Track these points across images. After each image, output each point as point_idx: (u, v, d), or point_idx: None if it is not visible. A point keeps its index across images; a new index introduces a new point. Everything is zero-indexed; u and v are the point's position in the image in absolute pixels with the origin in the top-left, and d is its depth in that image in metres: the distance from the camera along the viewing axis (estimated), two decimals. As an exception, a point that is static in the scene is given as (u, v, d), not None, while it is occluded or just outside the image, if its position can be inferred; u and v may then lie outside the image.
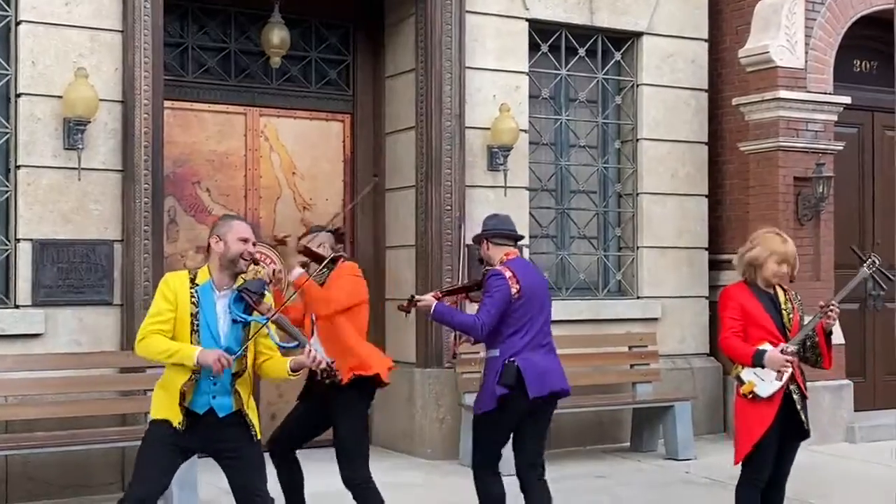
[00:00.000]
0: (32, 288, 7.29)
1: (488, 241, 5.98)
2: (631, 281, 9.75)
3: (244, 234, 4.76)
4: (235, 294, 4.70)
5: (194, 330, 4.66)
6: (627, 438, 9.26)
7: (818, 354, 5.59)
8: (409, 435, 8.77)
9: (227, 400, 4.70)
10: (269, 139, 8.92)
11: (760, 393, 5.42)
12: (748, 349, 5.43)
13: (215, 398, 4.69)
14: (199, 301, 4.67)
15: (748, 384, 5.46)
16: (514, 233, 6.05)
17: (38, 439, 6.85)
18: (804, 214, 9.39)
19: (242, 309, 4.70)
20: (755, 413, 5.44)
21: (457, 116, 8.72)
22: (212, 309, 4.70)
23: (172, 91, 8.26)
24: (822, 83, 9.49)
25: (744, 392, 5.48)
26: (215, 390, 4.68)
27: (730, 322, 5.53)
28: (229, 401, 4.71)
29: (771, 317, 5.49)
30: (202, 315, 4.66)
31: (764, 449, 5.46)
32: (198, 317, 4.65)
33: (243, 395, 4.76)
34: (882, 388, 9.97)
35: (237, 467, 4.78)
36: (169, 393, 4.68)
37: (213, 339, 4.68)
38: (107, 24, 7.55)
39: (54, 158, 7.37)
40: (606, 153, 9.82)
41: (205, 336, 4.67)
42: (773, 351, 5.35)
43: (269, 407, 8.83)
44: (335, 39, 9.23)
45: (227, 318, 4.71)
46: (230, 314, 4.69)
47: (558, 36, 9.43)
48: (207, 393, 4.67)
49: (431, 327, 8.60)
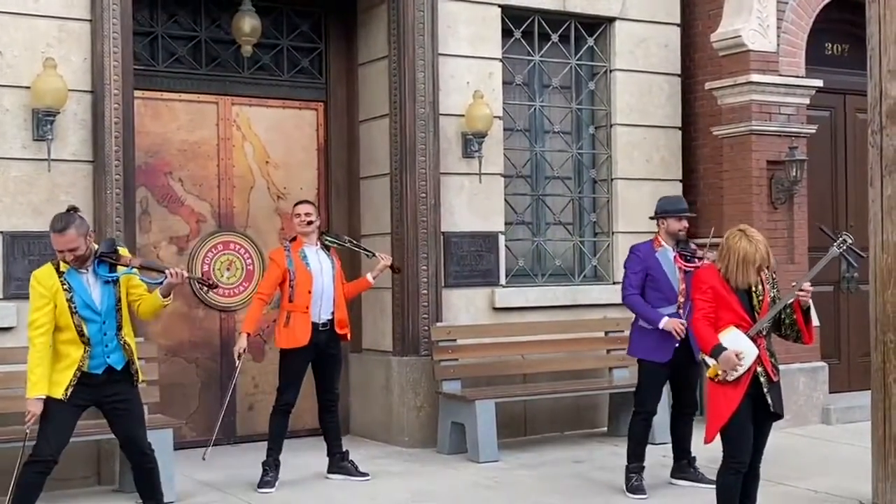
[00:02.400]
0: (3, 281, 7.23)
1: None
2: (607, 266, 9.76)
3: (55, 246, 5.46)
4: (96, 262, 5.49)
5: (74, 311, 5.45)
6: (605, 423, 9.29)
7: (797, 331, 5.66)
8: (387, 423, 8.75)
9: (119, 355, 5.53)
10: (241, 128, 8.86)
11: (726, 377, 5.48)
12: (711, 339, 5.53)
13: (110, 357, 5.51)
14: (72, 286, 5.44)
15: (713, 368, 5.55)
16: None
17: (13, 433, 6.78)
18: (778, 198, 9.42)
19: (108, 270, 5.52)
20: (723, 395, 5.52)
21: (430, 104, 8.69)
22: (81, 285, 5.46)
23: (143, 81, 8.18)
24: (794, 66, 9.51)
25: (709, 376, 5.59)
26: (108, 350, 5.50)
27: (701, 304, 5.64)
28: (121, 354, 5.54)
29: (739, 299, 5.56)
30: (76, 295, 5.43)
31: (737, 431, 5.52)
32: (73, 300, 5.42)
33: (132, 345, 5.60)
34: (857, 370, 10.02)
35: (125, 419, 5.62)
36: (60, 367, 5.45)
37: (90, 307, 5.48)
38: (75, 14, 7.47)
39: (24, 150, 7.29)
40: (581, 139, 9.81)
41: (82, 308, 5.46)
42: (729, 352, 5.44)
43: (246, 398, 8.80)
44: (307, 27, 9.18)
45: (97, 286, 5.49)
46: (99, 280, 5.49)
47: (531, 22, 9.41)
48: (101, 356, 5.49)
49: (408, 315, 8.59)
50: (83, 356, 5.47)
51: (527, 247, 9.52)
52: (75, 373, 5.46)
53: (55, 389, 5.46)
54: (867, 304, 6.63)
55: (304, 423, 8.56)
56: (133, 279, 5.63)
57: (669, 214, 7.20)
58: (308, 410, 8.21)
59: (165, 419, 7.33)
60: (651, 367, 7.13)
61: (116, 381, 5.58)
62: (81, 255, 5.45)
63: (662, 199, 7.47)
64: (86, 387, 5.52)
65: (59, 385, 5.47)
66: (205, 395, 8.64)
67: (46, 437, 5.49)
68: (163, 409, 7.57)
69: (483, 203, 9.03)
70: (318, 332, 7.31)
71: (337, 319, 7.40)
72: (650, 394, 7.21)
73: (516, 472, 7.80)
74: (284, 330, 7.30)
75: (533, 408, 9.15)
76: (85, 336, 5.47)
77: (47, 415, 5.49)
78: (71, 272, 5.48)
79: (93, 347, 5.48)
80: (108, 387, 5.56)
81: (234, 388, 7.85)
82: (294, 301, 7.29)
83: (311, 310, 7.28)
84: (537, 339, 9.01)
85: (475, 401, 8.14)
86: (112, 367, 5.55)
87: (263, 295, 7.38)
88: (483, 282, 8.99)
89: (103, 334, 5.50)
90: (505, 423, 8.55)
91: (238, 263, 8.78)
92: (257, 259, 8.82)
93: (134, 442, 5.70)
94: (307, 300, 7.28)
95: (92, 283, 5.52)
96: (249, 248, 8.84)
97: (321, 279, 7.35)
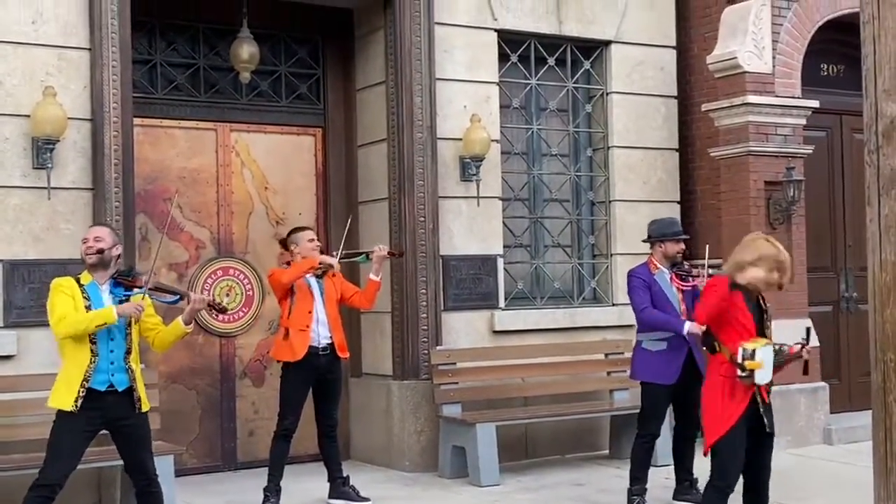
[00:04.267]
0: (4, 309, 7.23)
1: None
2: (606, 288, 9.77)
3: (85, 235, 5.78)
4: (112, 281, 5.67)
5: None
6: (606, 446, 9.27)
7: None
8: (387, 448, 8.74)
9: (123, 376, 5.57)
10: (240, 154, 8.89)
11: (759, 380, 5.44)
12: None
13: (114, 375, 5.55)
14: (90, 296, 5.59)
15: (758, 362, 5.40)
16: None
17: (15, 462, 6.78)
18: (776, 218, 9.44)
19: (122, 291, 5.66)
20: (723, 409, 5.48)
21: (428, 128, 8.72)
22: (98, 296, 5.61)
23: (142, 108, 8.22)
24: (790, 87, 9.55)
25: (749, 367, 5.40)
26: (113, 368, 5.54)
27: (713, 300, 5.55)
28: (125, 377, 5.57)
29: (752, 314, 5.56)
30: (94, 306, 5.55)
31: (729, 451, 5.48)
32: (90, 308, 5.53)
33: (136, 371, 5.63)
34: (857, 390, 10.00)
35: (133, 443, 5.66)
36: (68, 380, 5.50)
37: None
38: (74, 42, 7.51)
39: (24, 178, 7.32)
40: (578, 161, 9.84)
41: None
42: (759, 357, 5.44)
43: (246, 424, 8.78)
44: (304, 53, 9.22)
45: (111, 304, 5.58)
46: (114, 300, 5.61)
47: (527, 46, 9.45)
48: (106, 371, 5.52)
49: (408, 338, 8.59)
50: (89, 365, 5.47)
51: (526, 269, 9.53)
52: (82, 383, 5.46)
53: (65, 400, 5.49)
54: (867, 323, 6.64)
55: (305, 449, 8.54)
56: (148, 310, 5.65)
57: (668, 238, 7.22)
58: (309, 436, 8.20)
59: (166, 446, 7.30)
60: (655, 389, 7.12)
61: (124, 404, 5.58)
62: (102, 252, 5.60)
63: (656, 223, 7.45)
64: (94, 406, 5.50)
65: (68, 395, 5.48)
66: (205, 421, 8.62)
67: (54, 461, 5.50)
68: (163, 435, 7.55)
69: (481, 226, 9.04)
70: (318, 356, 7.31)
71: (337, 343, 7.41)
72: (654, 416, 7.19)
73: (518, 496, 7.78)
74: (283, 343, 7.34)
75: (534, 431, 9.13)
76: (95, 346, 5.51)
77: (58, 435, 5.51)
78: (91, 285, 5.61)
79: (99, 360, 5.50)
80: (117, 409, 5.56)
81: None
82: (292, 317, 7.30)
83: (311, 331, 7.29)
84: (537, 361, 9.01)
85: (476, 424, 8.14)
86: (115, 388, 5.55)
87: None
88: (482, 305, 9.00)
89: (111, 351, 5.54)
90: (506, 447, 8.53)
91: (237, 289, 8.79)
92: (256, 284, 8.83)
93: (141, 467, 5.71)
94: (307, 320, 7.29)
95: (107, 300, 5.61)
96: (249, 273, 8.85)
97: (320, 302, 7.38)
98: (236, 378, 8.78)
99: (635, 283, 7.17)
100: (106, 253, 5.64)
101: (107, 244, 5.66)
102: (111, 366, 5.54)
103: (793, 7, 9.56)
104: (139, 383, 5.64)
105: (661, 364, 7.04)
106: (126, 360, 5.59)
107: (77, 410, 5.46)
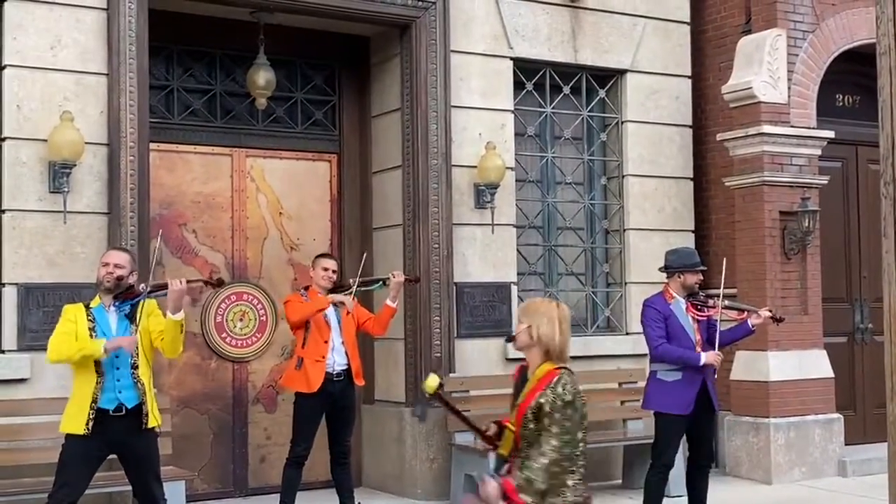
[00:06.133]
0: (18, 332, 7.24)
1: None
2: (619, 317, 9.74)
3: (105, 260, 5.87)
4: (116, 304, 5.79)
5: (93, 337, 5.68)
6: (619, 475, 9.21)
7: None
8: (399, 475, 8.70)
9: (132, 392, 5.62)
10: (255, 180, 8.92)
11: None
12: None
13: (121, 392, 5.60)
14: (96, 318, 5.70)
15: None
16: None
17: (26, 485, 6.77)
18: (791, 248, 9.41)
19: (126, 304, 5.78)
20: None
21: (443, 155, 8.74)
22: (106, 321, 5.72)
23: (158, 133, 8.26)
24: (805, 118, 9.54)
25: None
26: (120, 385, 5.60)
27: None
28: (134, 393, 5.62)
29: None
30: (98, 327, 5.67)
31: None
32: (94, 329, 5.65)
33: (146, 384, 5.67)
34: (872, 422, 9.93)
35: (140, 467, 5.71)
36: (78, 402, 5.56)
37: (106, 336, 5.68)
38: (92, 68, 7.56)
39: (40, 202, 7.35)
40: (593, 189, 9.84)
41: (99, 336, 5.67)
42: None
43: (258, 450, 8.76)
44: (320, 80, 9.26)
45: (116, 320, 5.72)
46: (119, 314, 5.73)
47: (542, 74, 9.48)
48: (113, 390, 5.58)
49: (420, 365, 8.57)
50: (96, 387, 5.55)
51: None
52: (91, 405, 5.53)
53: (76, 425, 5.55)
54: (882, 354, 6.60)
55: (316, 475, 8.51)
56: (155, 317, 5.77)
57: (687, 269, 7.19)
58: (321, 462, 8.17)
59: (177, 471, 7.30)
60: (670, 419, 7.07)
61: (132, 426, 5.62)
62: (120, 279, 5.74)
63: (676, 253, 7.41)
64: (104, 429, 5.54)
65: (79, 419, 5.55)
66: (217, 446, 8.61)
67: (63, 485, 5.54)
68: (175, 460, 7.54)
69: (495, 254, 9.04)
70: (333, 381, 7.30)
71: (354, 370, 7.39)
72: (668, 447, 7.14)
73: (530, 525, 7.71)
74: (296, 373, 7.32)
75: (546, 460, 9.06)
76: (99, 365, 5.58)
77: (67, 459, 5.56)
78: (99, 308, 5.76)
79: (105, 379, 5.56)
80: (125, 431, 5.60)
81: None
82: (307, 348, 7.29)
83: (327, 359, 7.28)
84: (550, 390, 8.94)
85: (489, 452, 8.08)
86: (124, 406, 5.59)
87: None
88: (496, 332, 8.97)
89: (116, 368, 5.59)
90: (518, 475, 8.46)
91: (251, 314, 8.79)
92: (270, 310, 8.83)
93: (147, 491, 5.73)
94: (323, 350, 7.28)
95: (112, 320, 5.75)
96: (262, 298, 8.85)
97: (337, 330, 7.37)
98: (249, 403, 8.77)
99: (651, 315, 7.12)
100: (123, 281, 5.77)
101: (125, 272, 5.80)
102: (118, 383, 5.59)
103: (808, 38, 9.56)
104: (149, 397, 5.69)
105: (676, 394, 7.00)
106: (133, 375, 5.64)
107: (89, 434, 5.50)
